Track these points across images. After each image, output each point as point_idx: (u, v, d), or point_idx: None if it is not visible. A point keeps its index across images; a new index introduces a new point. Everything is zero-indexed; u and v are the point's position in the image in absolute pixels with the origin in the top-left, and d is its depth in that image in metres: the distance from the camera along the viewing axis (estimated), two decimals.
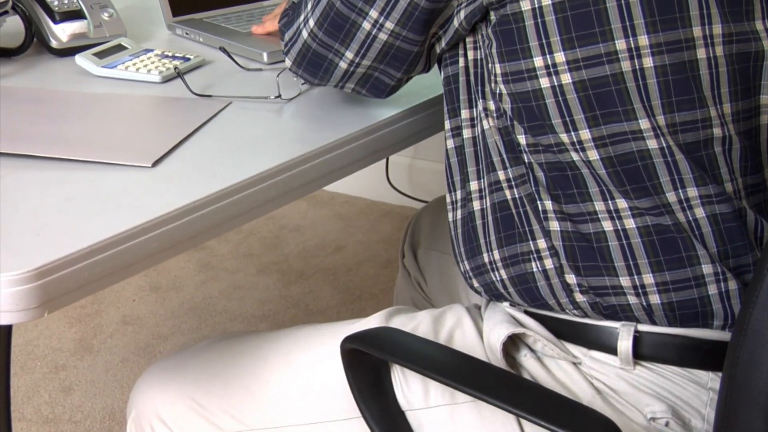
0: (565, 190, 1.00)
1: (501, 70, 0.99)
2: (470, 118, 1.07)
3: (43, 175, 1.06)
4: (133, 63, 1.39)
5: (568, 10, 0.94)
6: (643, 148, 0.97)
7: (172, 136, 1.15)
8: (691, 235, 0.98)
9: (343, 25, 1.07)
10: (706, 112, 0.97)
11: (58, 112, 1.24)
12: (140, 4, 1.75)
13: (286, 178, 1.09)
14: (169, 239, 0.98)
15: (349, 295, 2.57)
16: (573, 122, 0.97)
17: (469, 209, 1.08)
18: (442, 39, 1.06)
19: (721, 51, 0.97)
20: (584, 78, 0.95)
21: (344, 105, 1.26)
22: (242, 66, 1.41)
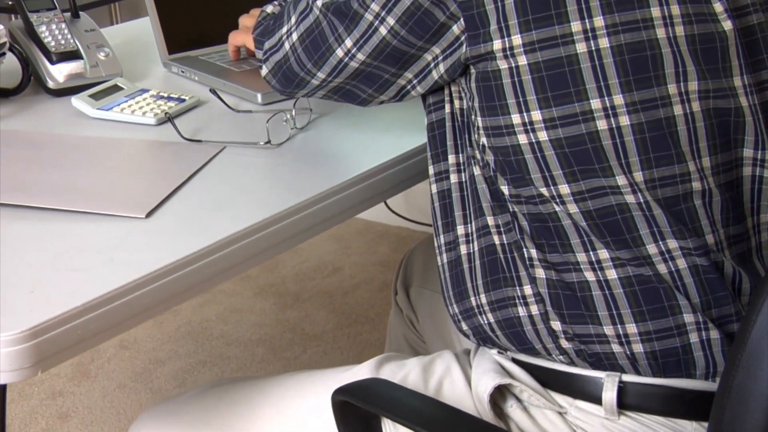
0: (548, 240, 1.02)
1: (482, 123, 1.01)
2: (457, 164, 1.09)
3: (39, 227, 1.08)
4: (129, 105, 1.41)
5: (544, 70, 0.96)
6: (622, 202, 0.99)
7: (166, 184, 1.17)
8: (673, 285, 1.00)
9: (320, 47, 1.10)
10: (684, 167, 0.99)
11: (55, 159, 1.26)
12: (137, 39, 1.77)
13: (277, 230, 1.10)
14: (161, 294, 1.00)
15: (345, 319, 2.58)
16: (552, 177, 0.99)
17: (456, 253, 1.10)
18: (417, 87, 1.09)
19: (698, 106, 0.99)
20: (560, 136, 0.97)
21: (335, 151, 1.28)
22: (232, 108, 1.43)
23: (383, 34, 1.03)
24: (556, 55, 0.96)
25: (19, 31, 1.53)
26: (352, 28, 1.05)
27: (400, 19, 1.02)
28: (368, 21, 1.04)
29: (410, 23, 1.01)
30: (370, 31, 1.04)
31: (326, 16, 1.08)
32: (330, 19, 1.07)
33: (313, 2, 1.10)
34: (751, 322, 0.94)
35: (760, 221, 1.06)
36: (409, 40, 1.03)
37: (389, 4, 1.01)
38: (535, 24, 0.96)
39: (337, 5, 1.06)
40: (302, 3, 1.12)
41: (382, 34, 1.03)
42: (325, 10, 1.08)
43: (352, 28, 1.05)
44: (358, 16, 1.04)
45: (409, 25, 1.02)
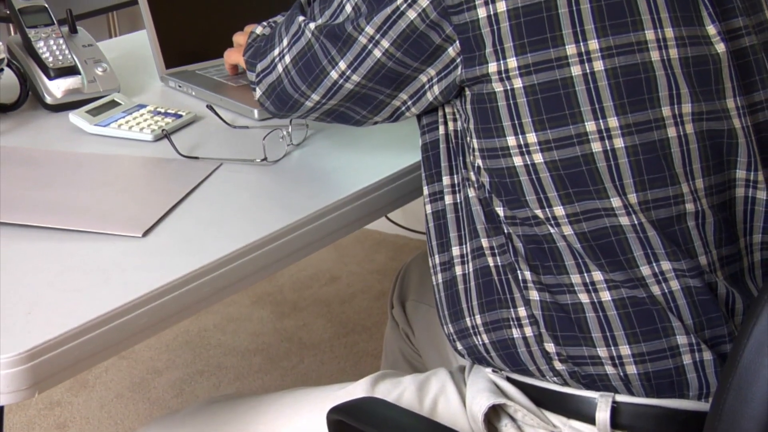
0: (542, 261, 1.02)
1: (478, 145, 1.02)
2: (452, 185, 1.10)
3: (38, 245, 1.09)
4: (126, 121, 1.42)
5: (539, 93, 0.97)
6: (616, 224, 1.00)
7: (162, 202, 1.18)
8: (666, 307, 1.01)
9: (314, 69, 1.10)
10: (678, 188, 1.00)
11: (53, 176, 1.27)
12: (135, 52, 1.78)
13: (273, 249, 1.11)
14: (158, 315, 1.00)
15: (342, 328, 2.59)
16: (547, 199, 1.00)
17: (451, 274, 1.10)
18: (411, 108, 1.09)
19: (692, 128, 1.00)
20: (555, 158, 0.98)
21: (330, 168, 1.29)
22: (229, 124, 1.43)
23: (378, 56, 1.04)
24: (551, 78, 0.97)
25: (17, 46, 1.54)
26: (345, 51, 1.06)
27: (395, 42, 1.02)
28: (362, 44, 1.04)
29: (405, 45, 1.02)
30: (364, 53, 1.05)
31: (318, 39, 1.08)
32: (322, 42, 1.08)
33: (305, 25, 1.10)
34: (743, 344, 0.94)
35: (753, 241, 1.06)
36: (405, 62, 1.04)
37: (384, 27, 1.02)
38: (531, 47, 0.96)
39: (330, 28, 1.07)
40: (294, 26, 1.13)
41: (377, 57, 1.04)
42: (318, 32, 1.08)
43: (345, 51, 1.06)
44: (352, 39, 1.05)
45: (404, 47, 1.02)
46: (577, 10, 0.96)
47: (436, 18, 0.99)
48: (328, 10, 1.08)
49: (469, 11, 0.97)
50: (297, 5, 1.18)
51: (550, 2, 0.96)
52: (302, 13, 1.14)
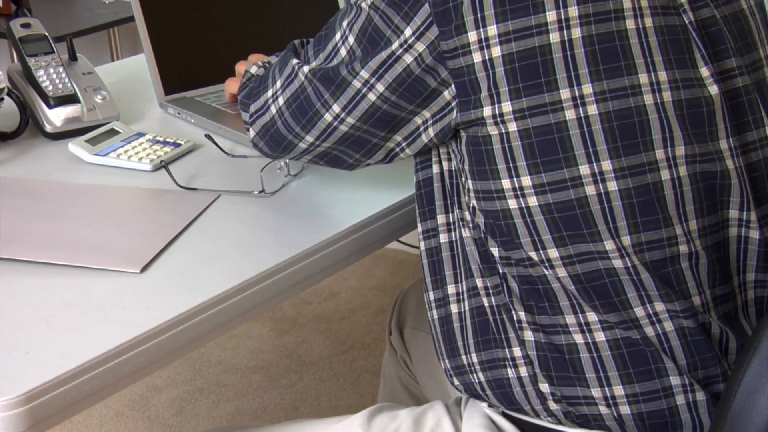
0: (537, 302, 1.03)
1: (473, 186, 1.03)
2: (447, 223, 1.10)
3: (36, 281, 1.10)
4: (125, 150, 1.43)
5: (533, 136, 0.98)
6: (610, 267, 1.00)
7: (160, 236, 1.19)
8: (659, 348, 1.02)
9: (307, 111, 1.11)
10: (671, 230, 1.01)
11: (52, 209, 1.27)
12: (134, 76, 1.79)
13: (270, 284, 1.12)
14: (155, 353, 1.01)
15: (342, 345, 2.60)
16: (541, 241, 1.00)
17: (447, 311, 1.11)
18: (406, 150, 1.10)
19: (685, 171, 1.01)
20: (550, 201, 0.99)
21: (327, 200, 1.29)
22: (227, 153, 1.44)
23: (372, 99, 1.05)
24: (546, 122, 0.98)
25: (17, 74, 1.55)
26: (339, 95, 1.06)
27: (391, 86, 1.03)
28: (356, 88, 1.05)
29: (401, 89, 1.03)
30: (359, 97, 1.05)
31: (312, 82, 1.09)
32: (315, 85, 1.08)
33: (299, 68, 1.11)
34: (736, 384, 0.95)
35: (746, 280, 1.07)
36: (400, 105, 1.04)
37: (380, 71, 1.03)
38: (525, 92, 0.97)
39: (324, 71, 1.07)
40: (287, 68, 1.13)
41: (372, 100, 1.05)
42: (311, 76, 1.09)
43: (338, 95, 1.06)
44: (346, 82, 1.05)
45: (399, 91, 1.03)
46: (571, 54, 0.97)
47: (432, 62, 1.00)
48: (322, 53, 1.09)
49: (465, 56, 0.98)
50: (291, 47, 1.19)
51: (544, 47, 0.97)
52: (296, 55, 1.15)
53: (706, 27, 1.03)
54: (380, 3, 1.02)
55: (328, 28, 1.11)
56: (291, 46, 1.19)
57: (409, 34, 1.00)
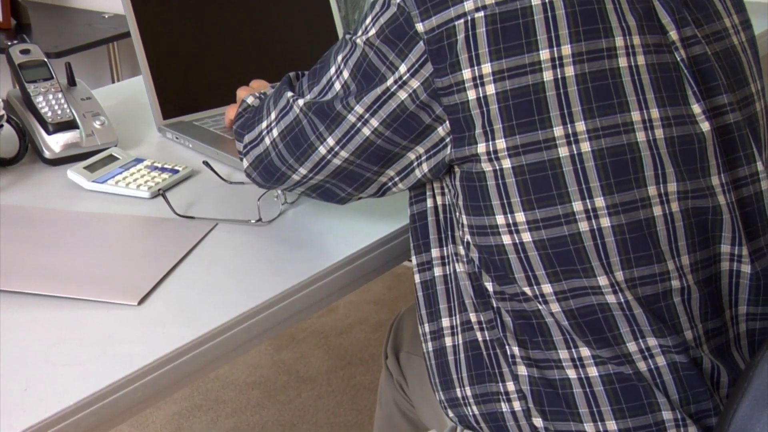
0: (531, 337, 1.04)
1: (467, 221, 1.04)
2: (441, 257, 1.11)
3: (35, 314, 1.11)
4: (123, 177, 1.44)
5: (527, 173, 0.99)
6: (603, 302, 1.01)
7: (158, 267, 1.19)
8: (652, 383, 1.03)
9: (302, 144, 1.12)
10: (664, 266, 1.02)
11: (50, 238, 1.28)
12: (133, 99, 1.79)
13: (267, 316, 1.13)
14: (152, 388, 1.02)
15: (340, 361, 2.61)
16: (535, 277, 1.01)
17: (441, 344, 1.12)
18: (399, 184, 1.11)
19: (677, 207, 1.02)
20: (544, 237, 1.00)
21: (323, 229, 1.30)
22: (225, 180, 1.45)
23: (367, 134, 1.06)
24: (540, 159, 0.99)
25: (16, 100, 1.56)
26: (334, 128, 1.07)
27: (385, 121, 1.04)
28: (351, 122, 1.06)
29: (395, 125, 1.04)
30: (353, 131, 1.06)
31: (307, 115, 1.10)
32: (311, 118, 1.09)
33: (294, 101, 1.12)
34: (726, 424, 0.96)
35: (738, 313, 1.08)
36: (394, 140, 1.05)
37: (374, 106, 1.04)
38: (519, 129, 0.98)
39: (319, 106, 1.09)
40: (282, 100, 1.14)
41: (366, 135, 1.06)
42: (307, 109, 1.10)
43: (333, 128, 1.07)
44: (341, 117, 1.06)
45: (393, 126, 1.04)
46: (565, 93, 0.98)
47: (426, 99, 1.01)
48: (317, 86, 1.10)
49: (459, 93, 0.99)
50: (286, 80, 1.20)
51: (538, 85, 0.98)
52: (290, 88, 1.16)
53: (698, 64, 1.04)
54: (375, 39, 1.03)
55: (322, 62, 1.12)
56: (286, 78, 1.20)
57: (404, 70, 1.01)
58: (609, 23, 1.00)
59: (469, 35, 0.98)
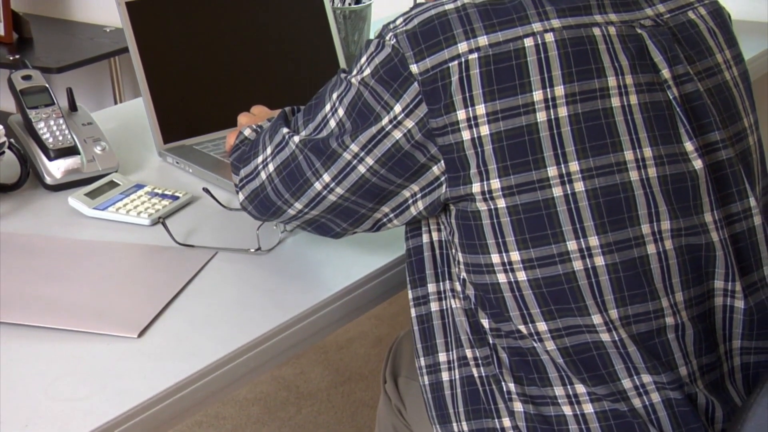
0: (526, 373, 1.05)
1: (463, 259, 1.05)
2: (437, 292, 1.13)
3: (35, 347, 1.12)
4: (124, 204, 1.45)
5: (522, 213, 1.00)
6: (597, 340, 1.03)
7: (158, 298, 1.21)
8: (647, 419, 1.04)
9: (298, 179, 1.13)
10: (658, 303, 1.03)
11: (51, 268, 1.30)
12: (134, 121, 1.80)
13: (265, 349, 1.14)
14: (152, 422, 1.03)
15: (340, 376, 2.62)
16: (530, 315, 1.03)
17: (438, 378, 1.13)
18: (394, 221, 1.12)
19: (671, 245, 1.03)
20: (538, 276, 1.01)
21: (322, 258, 1.31)
22: (225, 206, 1.46)
23: (362, 172, 1.07)
24: (534, 199, 1.00)
25: (17, 126, 1.57)
26: (330, 165, 1.09)
27: (380, 160, 1.05)
28: (346, 160, 1.07)
29: (390, 163, 1.05)
30: (348, 168, 1.08)
31: (303, 151, 1.11)
32: (307, 154, 1.11)
33: (290, 137, 1.13)
34: None
35: (732, 347, 1.09)
36: (389, 178, 1.07)
37: (369, 145, 1.05)
38: (513, 169, 1.00)
39: (314, 143, 1.10)
40: (278, 136, 1.16)
41: (361, 172, 1.07)
42: (302, 146, 1.11)
43: (329, 165, 1.09)
44: (336, 154, 1.08)
45: (389, 165, 1.05)
46: (558, 133, 0.99)
47: (421, 139, 1.02)
48: (312, 123, 1.11)
49: (454, 133, 1.01)
50: (282, 115, 1.21)
51: (531, 126, 0.99)
52: (286, 123, 1.17)
53: (690, 101, 1.05)
54: (370, 79, 1.04)
55: (317, 98, 1.13)
56: (282, 113, 1.22)
57: (398, 110, 1.02)
58: (601, 63, 1.01)
59: (463, 77, 0.99)
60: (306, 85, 1.81)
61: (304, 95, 1.74)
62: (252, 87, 1.75)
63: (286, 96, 1.79)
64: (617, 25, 1.03)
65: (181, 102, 1.69)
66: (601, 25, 1.03)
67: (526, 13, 1.01)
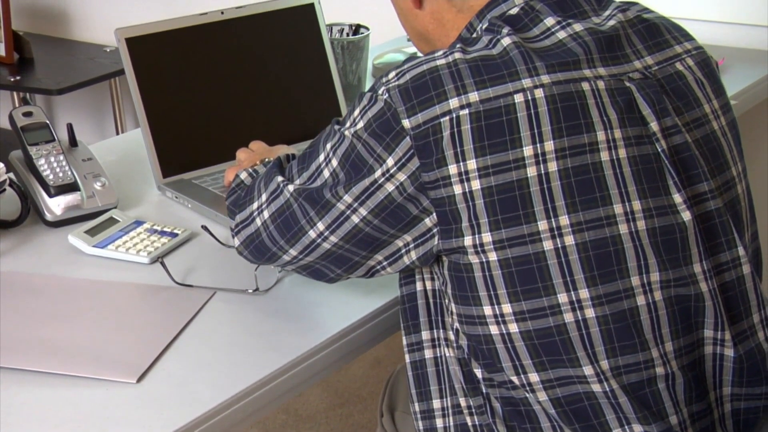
0: (519, 423, 1.07)
1: (456, 310, 1.07)
2: (431, 339, 1.14)
3: (35, 393, 1.14)
4: (123, 242, 1.47)
5: (513, 266, 1.02)
6: (589, 391, 1.04)
7: (157, 340, 1.23)
8: None
9: (292, 227, 1.15)
10: (648, 353, 1.05)
11: (51, 309, 1.31)
12: (134, 153, 1.81)
13: (264, 393, 1.16)
14: None
15: (338, 398, 2.64)
16: (522, 366, 1.04)
17: (432, 424, 1.15)
18: (387, 268, 1.14)
19: (660, 296, 1.05)
20: (530, 328, 1.03)
21: (318, 299, 1.33)
22: (223, 243, 1.48)
23: (356, 222, 1.09)
24: (525, 253, 1.02)
25: (18, 162, 1.59)
26: (324, 214, 1.10)
27: (373, 211, 1.07)
28: (340, 210, 1.09)
29: (383, 214, 1.07)
30: (342, 218, 1.09)
31: (297, 200, 1.13)
32: (301, 203, 1.12)
33: (284, 186, 1.15)
34: None
35: (723, 394, 1.11)
36: (382, 228, 1.08)
37: (362, 197, 1.07)
38: (504, 223, 1.01)
39: (309, 193, 1.12)
40: (272, 184, 1.18)
41: (355, 222, 1.09)
42: (297, 195, 1.13)
43: (323, 214, 1.11)
44: (330, 204, 1.09)
45: (382, 216, 1.07)
46: (548, 188, 1.01)
47: (414, 192, 1.04)
48: (306, 172, 1.13)
49: (446, 187, 1.02)
50: (276, 162, 1.23)
51: (522, 181, 1.01)
52: (281, 171, 1.19)
53: (679, 153, 1.07)
54: (363, 133, 1.06)
55: (312, 147, 1.15)
56: (277, 160, 1.24)
57: (391, 164, 1.04)
58: (590, 118, 1.03)
59: (454, 132, 1.01)
60: (304, 117, 1.84)
61: (302, 127, 1.77)
62: (250, 119, 1.77)
63: (284, 128, 1.82)
64: (606, 79, 1.06)
65: (181, 136, 1.71)
66: (590, 79, 1.05)
67: (516, 69, 1.03)
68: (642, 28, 1.12)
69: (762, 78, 2.13)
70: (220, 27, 1.75)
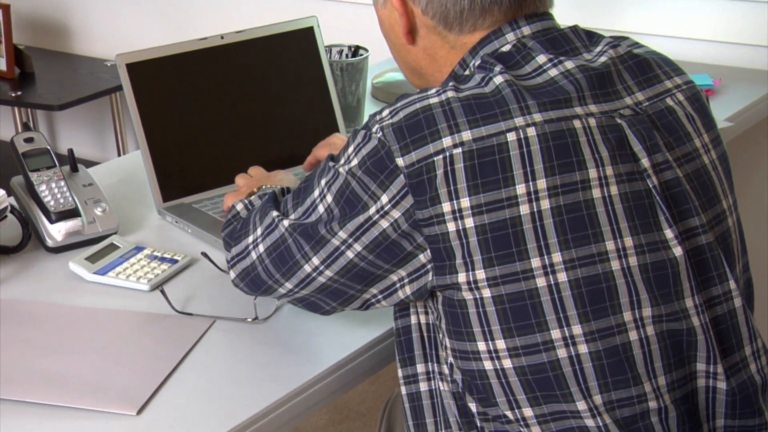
0: None
1: (450, 345, 1.09)
2: (426, 372, 1.16)
3: (35, 425, 1.15)
4: (124, 269, 1.48)
5: (507, 302, 1.04)
6: (582, 426, 1.06)
7: (157, 371, 1.24)
8: None
9: (287, 261, 1.16)
10: (641, 388, 1.06)
11: (51, 338, 1.33)
12: (134, 176, 1.82)
13: (262, 426, 1.17)
14: None
15: (338, 415, 2.65)
16: (516, 401, 1.06)
17: None
18: (382, 302, 1.15)
19: (652, 330, 1.06)
20: (524, 364, 1.04)
21: (317, 328, 1.34)
22: (223, 270, 1.49)
23: (350, 257, 1.10)
24: (518, 289, 1.03)
25: (19, 188, 1.61)
26: (319, 249, 1.12)
27: (368, 247, 1.09)
28: (335, 245, 1.10)
29: (378, 250, 1.09)
30: (337, 253, 1.11)
31: (292, 235, 1.14)
32: (296, 238, 1.14)
33: (279, 220, 1.16)
34: None
35: (716, 426, 1.12)
36: (377, 263, 1.10)
37: (357, 233, 1.08)
38: (498, 260, 1.03)
39: (303, 228, 1.13)
40: (267, 218, 1.19)
41: (350, 257, 1.10)
42: (291, 230, 1.14)
43: (318, 249, 1.12)
44: (325, 240, 1.11)
45: (376, 251, 1.09)
46: (541, 225, 1.03)
47: (408, 229, 1.06)
48: (301, 207, 1.15)
49: (439, 225, 1.04)
50: (271, 196, 1.24)
51: (515, 218, 1.03)
52: (275, 205, 1.20)
53: (670, 188, 1.09)
54: (357, 170, 1.07)
55: (306, 183, 1.17)
56: (272, 194, 1.25)
57: (385, 201, 1.06)
58: (582, 156, 1.04)
59: (447, 170, 1.03)
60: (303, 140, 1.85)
61: (302, 149, 1.79)
62: (250, 142, 1.78)
63: (284, 150, 1.83)
64: (597, 117, 1.07)
65: (181, 160, 1.72)
66: (581, 117, 1.06)
67: (509, 107, 1.04)
68: (633, 64, 1.13)
69: (760, 98, 2.14)
70: (220, 51, 1.77)
